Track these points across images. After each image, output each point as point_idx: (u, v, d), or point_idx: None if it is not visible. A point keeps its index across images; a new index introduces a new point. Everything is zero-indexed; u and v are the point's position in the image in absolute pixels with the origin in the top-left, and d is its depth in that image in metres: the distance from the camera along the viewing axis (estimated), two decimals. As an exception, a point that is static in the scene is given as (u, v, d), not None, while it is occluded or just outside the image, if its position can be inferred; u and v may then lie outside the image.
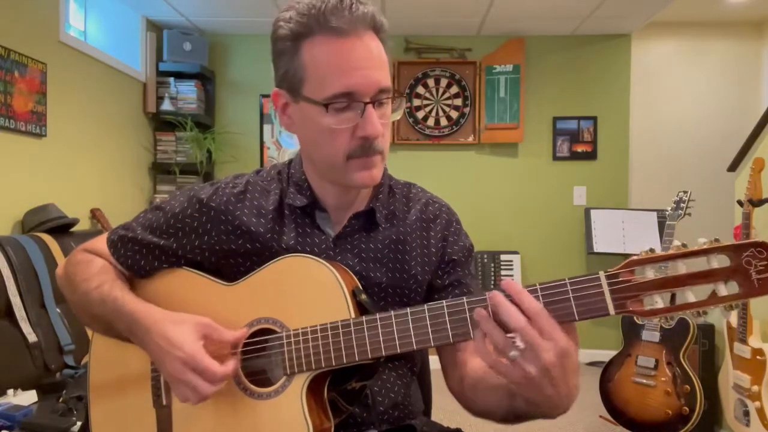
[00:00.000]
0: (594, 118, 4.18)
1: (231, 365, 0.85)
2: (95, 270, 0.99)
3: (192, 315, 0.89)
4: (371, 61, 0.86)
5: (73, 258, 1.04)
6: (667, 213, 2.55)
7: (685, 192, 2.58)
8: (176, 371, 0.84)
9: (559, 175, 4.20)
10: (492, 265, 4.03)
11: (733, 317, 2.36)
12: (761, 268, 0.67)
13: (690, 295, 0.70)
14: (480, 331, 0.74)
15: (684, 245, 0.70)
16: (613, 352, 2.65)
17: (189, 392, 0.84)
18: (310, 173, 0.99)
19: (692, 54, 4.28)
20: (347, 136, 0.87)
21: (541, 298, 0.73)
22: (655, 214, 3.87)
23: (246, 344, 0.90)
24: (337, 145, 0.88)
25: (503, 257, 4.05)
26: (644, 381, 2.46)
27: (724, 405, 2.47)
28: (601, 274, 0.72)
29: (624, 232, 3.88)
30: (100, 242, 1.04)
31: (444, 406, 1.01)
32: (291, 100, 0.92)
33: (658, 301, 0.71)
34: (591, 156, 4.19)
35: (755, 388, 2.22)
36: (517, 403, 0.82)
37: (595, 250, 3.89)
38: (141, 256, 1.00)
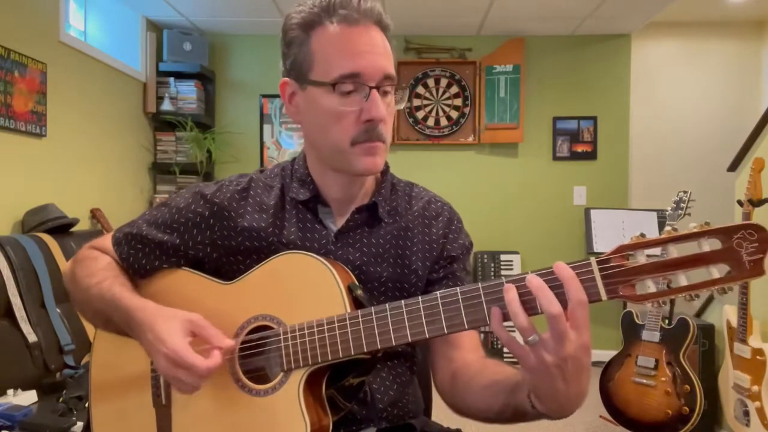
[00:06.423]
0: (594, 118, 4.18)
1: (216, 358, 0.84)
2: (100, 266, 1.01)
3: (183, 311, 0.89)
4: (377, 48, 0.91)
5: (80, 254, 1.06)
6: (667, 213, 2.54)
7: (685, 192, 2.58)
8: (164, 367, 0.85)
9: (559, 175, 4.20)
10: (492, 265, 4.03)
11: (733, 317, 2.36)
12: (752, 249, 0.67)
13: (682, 278, 0.70)
14: (496, 310, 0.74)
15: (675, 230, 0.70)
16: (613, 352, 2.65)
17: (179, 385, 0.85)
18: (313, 166, 1.00)
19: (692, 54, 4.28)
20: (352, 120, 0.90)
21: None
22: (655, 214, 3.87)
23: (243, 342, 0.90)
24: (342, 128, 0.90)
25: (503, 257, 4.05)
26: (644, 381, 2.46)
27: (724, 405, 2.47)
28: (593, 260, 0.72)
29: (624, 232, 3.87)
30: (108, 240, 1.06)
31: (444, 406, 1.01)
32: (298, 88, 0.95)
33: (651, 285, 0.70)
34: (591, 156, 4.19)
35: (755, 388, 2.22)
36: (518, 400, 0.80)
37: (595, 250, 3.88)
38: (143, 254, 1.01)
